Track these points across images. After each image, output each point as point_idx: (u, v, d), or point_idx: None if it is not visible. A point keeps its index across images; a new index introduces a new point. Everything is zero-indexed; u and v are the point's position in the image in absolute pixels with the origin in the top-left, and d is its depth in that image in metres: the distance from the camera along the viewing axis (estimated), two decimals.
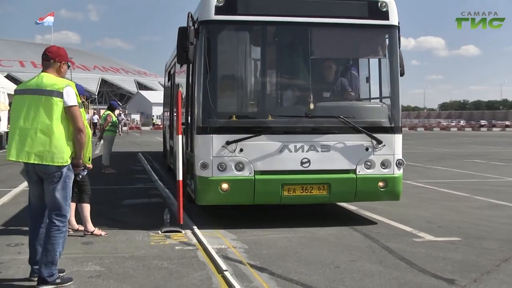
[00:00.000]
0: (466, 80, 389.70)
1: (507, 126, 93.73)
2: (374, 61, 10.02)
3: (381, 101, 9.94)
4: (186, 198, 9.81)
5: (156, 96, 71.24)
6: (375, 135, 8.79)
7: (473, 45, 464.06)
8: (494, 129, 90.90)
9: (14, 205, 11.13)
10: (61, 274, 6.09)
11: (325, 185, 8.79)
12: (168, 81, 19.89)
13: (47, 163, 5.79)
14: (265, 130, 8.66)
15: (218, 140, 8.47)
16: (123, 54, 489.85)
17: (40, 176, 5.96)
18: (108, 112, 18.31)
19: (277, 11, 8.92)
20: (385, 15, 9.00)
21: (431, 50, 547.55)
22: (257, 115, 9.26)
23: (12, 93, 24.17)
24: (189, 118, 9.60)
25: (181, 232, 8.65)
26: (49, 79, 5.96)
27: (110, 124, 17.98)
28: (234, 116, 8.72)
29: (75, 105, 5.89)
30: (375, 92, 10.12)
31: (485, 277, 6.50)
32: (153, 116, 70.29)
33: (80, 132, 5.92)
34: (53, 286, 5.84)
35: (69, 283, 6.01)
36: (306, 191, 8.76)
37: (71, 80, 6.85)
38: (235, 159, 8.52)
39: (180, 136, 10.21)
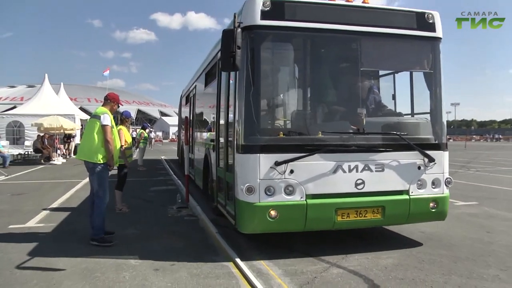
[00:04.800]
0: None
1: None
2: (418, 75, 6.33)
3: (415, 115, 6.59)
4: (213, 211, 7.56)
5: (172, 120, 71.24)
6: (427, 152, 5.75)
7: None
8: None
9: (84, 190, 10.86)
10: (108, 236, 6.15)
11: (379, 208, 5.55)
12: (186, 103, 14.47)
13: (89, 160, 5.99)
14: (319, 148, 5.32)
15: (266, 160, 5.18)
16: (152, 93, 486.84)
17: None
18: (141, 131, 18.57)
19: (327, 19, 5.62)
20: (432, 27, 5.98)
21: None
22: (307, 132, 5.70)
23: (82, 118, 25.05)
24: (223, 134, 6.36)
25: (187, 207, 8.54)
26: (99, 109, 6.25)
27: (143, 138, 18.12)
28: (281, 133, 5.47)
29: (107, 125, 6.03)
30: (420, 107, 6.47)
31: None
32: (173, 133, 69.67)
33: (107, 142, 5.99)
34: (95, 242, 5.93)
35: (108, 244, 5.93)
36: (360, 215, 5.50)
37: (120, 111, 7.36)
38: (285, 182, 5.22)
39: (186, 146, 9.96)
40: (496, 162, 23.27)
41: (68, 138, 24.31)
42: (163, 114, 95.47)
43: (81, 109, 36.20)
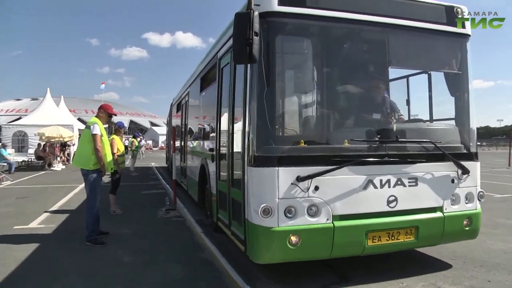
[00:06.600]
0: None
1: None
2: (440, 76, 4.92)
3: (433, 121, 5.08)
4: (211, 227, 6.30)
5: (161, 130, 70.58)
6: (461, 163, 4.45)
7: None
8: None
9: (82, 194, 10.56)
10: (103, 235, 6.06)
11: (412, 228, 4.24)
12: (178, 111, 12.15)
13: (81, 167, 5.86)
14: (349, 160, 3.96)
15: (286, 174, 3.80)
16: (143, 105, 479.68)
17: None
18: (133, 139, 18.41)
19: (353, 8, 4.17)
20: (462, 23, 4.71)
21: None
22: (332, 140, 4.29)
23: (80, 128, 24.39)
24: (227, 142, 4.87)
25: (175, 209, 8.43)
26: (91, 120, 6.09)
27: (134, 146, 17.88)
28: (302, 141, 4.00)
29: (96, 134, 5.85)
30: (445, 112, 5.01)
31: None
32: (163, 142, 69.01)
33: (97, 150, 5.82)
34: (89, 243, 5.76)
35: (100, 245, 5.73)
36: (392, 238, 4.18)
37: (114, 121, 7.02)
38: (308, 201, 3.86)
39: (174, 154, 9.84)
40: None
41: (63, 146, 23.85)
42: (153, 124, 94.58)
43: (79, 119, 35.46)
